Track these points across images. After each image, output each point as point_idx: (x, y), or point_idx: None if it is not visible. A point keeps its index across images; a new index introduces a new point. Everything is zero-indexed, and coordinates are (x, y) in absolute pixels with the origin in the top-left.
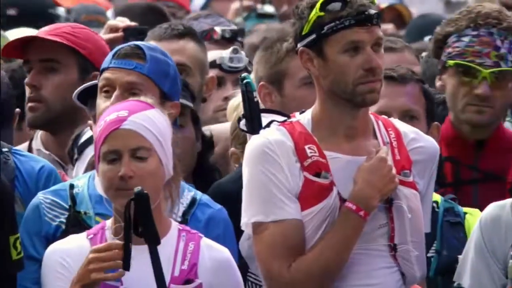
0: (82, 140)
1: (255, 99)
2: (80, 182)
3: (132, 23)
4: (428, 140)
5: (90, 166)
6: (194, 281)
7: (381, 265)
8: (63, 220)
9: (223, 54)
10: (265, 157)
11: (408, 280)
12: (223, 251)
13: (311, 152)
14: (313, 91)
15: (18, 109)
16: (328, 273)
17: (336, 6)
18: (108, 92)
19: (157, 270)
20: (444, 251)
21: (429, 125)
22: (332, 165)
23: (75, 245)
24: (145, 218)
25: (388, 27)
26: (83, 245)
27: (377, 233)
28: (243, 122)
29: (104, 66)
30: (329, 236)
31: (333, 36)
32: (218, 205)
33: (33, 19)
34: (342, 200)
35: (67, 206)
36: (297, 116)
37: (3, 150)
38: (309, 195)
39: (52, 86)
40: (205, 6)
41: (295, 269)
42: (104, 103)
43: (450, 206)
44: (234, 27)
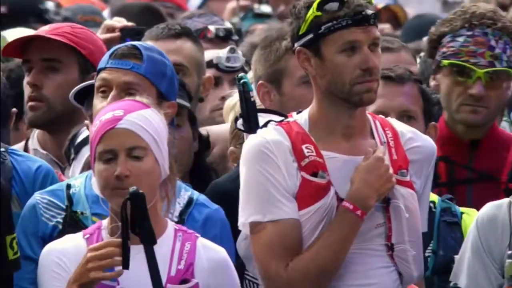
0: (79, 140)
1: (252, 99)
2: (77, 182)
3: (129, 23)
4: (425, 140)
5: (86, 166)
6: (190, 281)
7: (378, 265)
8: (60, 220)
9: (220, 53)
10: (262, 156)
11: (405, 280)
12: (219, 251)
13: (308, 152)
14: (312, 89)
15: (14, 109)
16: (325, 272)
17: (333, 6)
18: (105, 92)
19: (153, 270)
20: (441, 251)
21: (426, 125)
22: (329, 164)
23: (71, 245)
24: (141, 218)
25: (385, 27)
26: (79, 245)
27: (374, 232)
28: (240, 121)
29: (101, 66)
30: (326, 235)
31: (330, 36)
32: (215, 205)
33: (23, 15)
34: (339, 200)
35: (63, 206)
36: (294, 116)
37: (0, 150)
38: (306, 195)
39: (53, 85)
40: (201, 6)
41: (292, 268)
42: (101, 103)
43: (447, 206)
44: (228, 26)
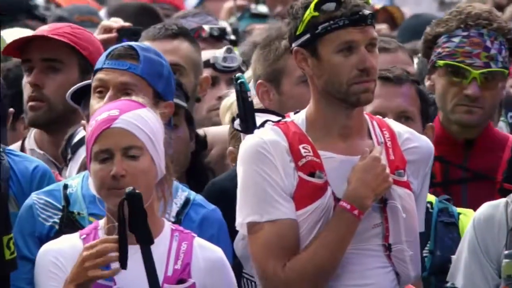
0: (76, 140)
1: (250, 99)
2: (74, 182)
3: (126, 24)
4: (423, 140)
5: (83, 166)
6: (187, 281)
7: (376, 265)
8: (57, 220)
9: (217, 53)
10: (259, 157)
11: (402, 280)
12: (216, 251)
13: (305, 152)
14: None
15: (12, 109)
16: (322, 272)
17: (331, 6)
18: (102, 92)
19: (150, 270)
20: (438, 251)
21: (424, 126)
22: (327, 165)
23: (68, 245)
24: (138, 218)
25: (382, 27)
26: (76, 245)
27: (371, 232)
28: (237, 121)
29: (98, 66)
30: (323, 235)
31: (327, 36)
32: (212, 205)
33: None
34: (337, 200)
35: (60, 207)
36: (291, 116)
37: None
38: (304, 195)
39: (54, 85)
40: (198, 6)
41: (289, 268)
42: (97, 104)
43: (445, 207)
44: (222, 26)
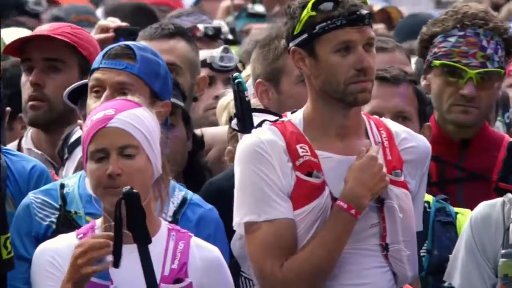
0: (72, 139)
1: (247, 99)
2: (71, 182)
3: (123, 24)
4: (420, 140)
5: (80, 165)
6: (184, 280)
7: (373, 265)
8: (54, 219)
9: (214, 53)
10: (257, 156)
11: (399, 280)
12: (213, 250)
13: (303, 152)
14: None
15: (8, 108)
16: (319, 272)
17: (328, 6)
18: (99, 92)
19: (147, 270)
20: (436, 251)
21: (421, 126)
22: (324, 164)
23: (64, 244)
24: (136, 217)
25: (379, 27)
26: (72, 245)
27: (368, 232)
28: (234, 121)
29: (95, 66)
30: (320, 234)
31: (325, 36)
32: (209, 205)
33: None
34: (334, 200)
35: (57, 206)
36: (288, 116)
37: None
38: (301, 195)
39: (55, 85)
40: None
41: (287, 268)
42: (94, 103)
43: (442, 206)
44: (217, 25)
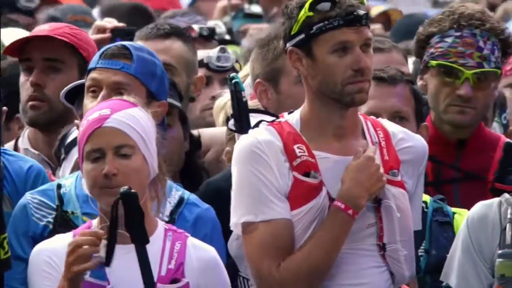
0: (69, 140)
1: (244, 99)
2: (68, 182)
3: (120, 24)
4: (417, 140)
5: (77, 166)
6: (180, 281)
7: (370, 265)
8: (51, 220)
9: (211, 53)
10: (254, 157)
11: (397, 280)
12: (209, 251)
13: (300, 152)
14: None
15: (5, 108)
16: (317, 272)
17: (325, 6)
18: (95, 92)
19: (145, 270)
20: (433, 251)
21: (418, 126)
22: (321, 165)
23: (61, 244)
24: (134, 217)
25: (376, 27)
26: None
27: (365, 232)
28: (231, 121)
29: (91, 66)
30: (318, 235)
31: (322, 36)
32: (206, 205)
33: None
34: (331, 200)
35: (54, 206)
36: (285, 116)
37: None
38: (299, 195)
39: (55, 86)
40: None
41: (284, 268)
42: (91, 103)
43: (439, 206)
44: (211, 25)
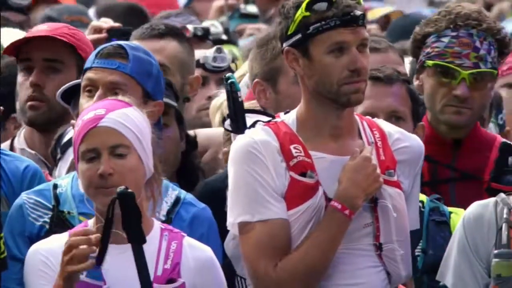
0: (65, 139)
1: (240, 99)
2: (64, 182)
3: (116, 24)
4: (413, 140)
5: (73, 166)
6: (177, 281)
7: (367, 265)
8: (47, 220)
9: (207, 53)
10: (250, 157)
11: (393, 280)
12: (205, 250)
13: (296, 152)
14: None
15: (1, 107)
16: (313, 272)
17: (322, 6)
18: (91, 91)
19: (141, 269)
20: (430, 250)
21: (415, 126)
22: (318, 165)
23: (57, 244)
24: (131, 217)
25: (372, 27)
26: None
27: (362, 232)
28: (227, 122)
29: (87, 66)
30: (314, 235)
31: (319, 36)
32: (202, 204)
33: None
34: (328, 200)
35: (50, 206)
36: (281, 117)
37: None
38: (295, 195)
39: (55, 86)
40: (187, 5)
41: (281, 268)
42: (87, 103)
43: (436, 206)
44: (206, 26)
